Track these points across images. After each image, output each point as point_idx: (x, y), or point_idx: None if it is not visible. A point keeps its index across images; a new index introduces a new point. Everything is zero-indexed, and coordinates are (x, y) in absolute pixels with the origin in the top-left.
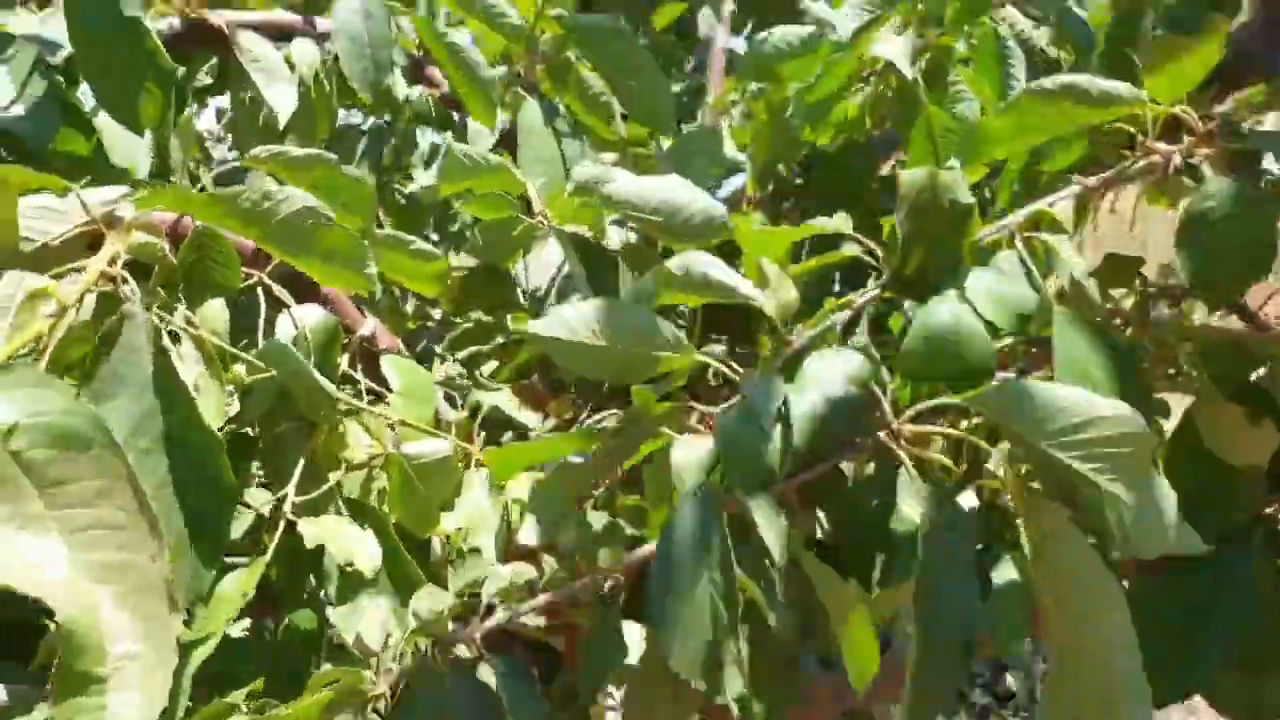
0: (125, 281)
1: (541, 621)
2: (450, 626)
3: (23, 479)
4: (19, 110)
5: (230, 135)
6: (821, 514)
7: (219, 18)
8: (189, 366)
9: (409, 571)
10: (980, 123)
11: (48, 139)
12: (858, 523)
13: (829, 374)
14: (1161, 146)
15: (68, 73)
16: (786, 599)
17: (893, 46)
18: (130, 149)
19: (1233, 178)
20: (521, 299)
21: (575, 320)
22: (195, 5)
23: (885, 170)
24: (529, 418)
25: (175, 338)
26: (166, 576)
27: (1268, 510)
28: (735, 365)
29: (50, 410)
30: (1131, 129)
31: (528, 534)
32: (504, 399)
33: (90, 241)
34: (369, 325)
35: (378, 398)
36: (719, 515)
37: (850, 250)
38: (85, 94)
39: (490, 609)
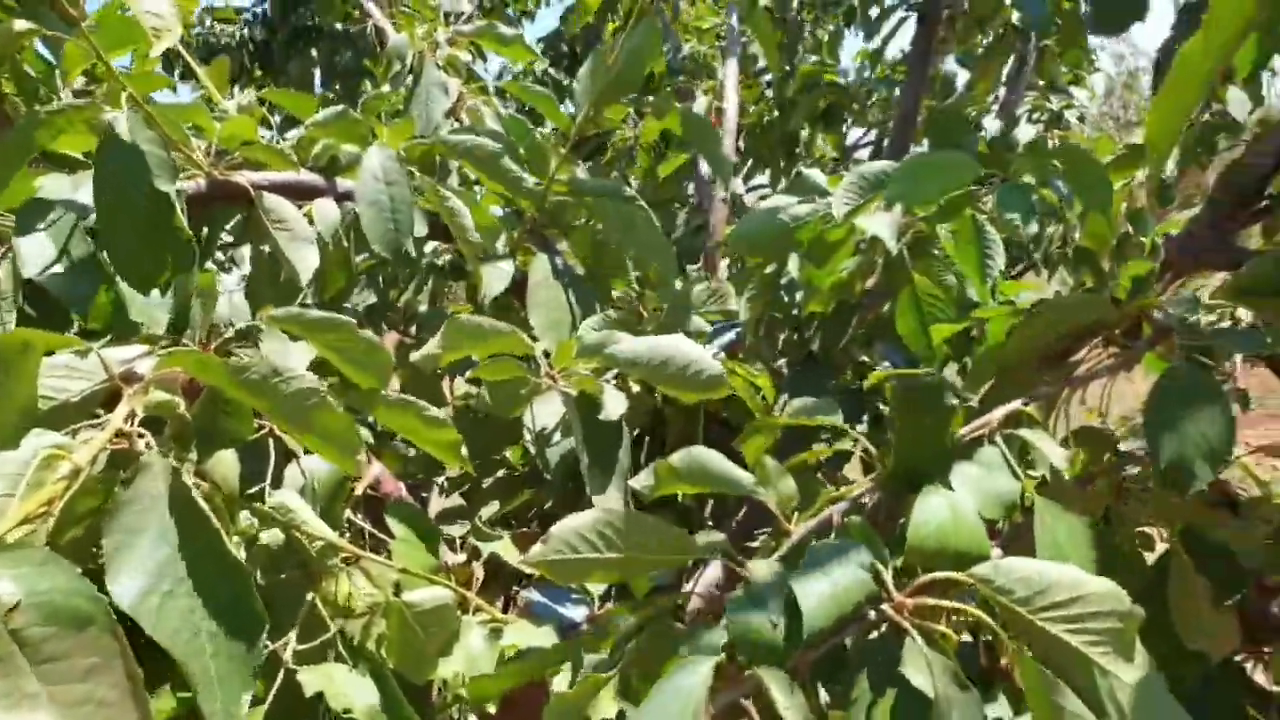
0: (141, 437)
1: None
2: None
3: (20, 657)
4: (59, 270)
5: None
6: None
7: (243, 178)
8: None
9: (407, 717)
10: (991, 347)
11: (88, 301)
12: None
13: (837, 561)
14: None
15: (93, 231)
16: None
17: (880, 222)
18: (150, 307)
19: (1190, 369)
20: (527, 439)
21: (572, 537)
22: (222, 167)
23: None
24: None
25: None
26: None
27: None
28: (735, 555)
29: (52, 589)
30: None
31: None
32: (503, 546)
33: (107, 398)
34: (374, 472)
35: (380, 544)
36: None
37: (841, 444)
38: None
39: None
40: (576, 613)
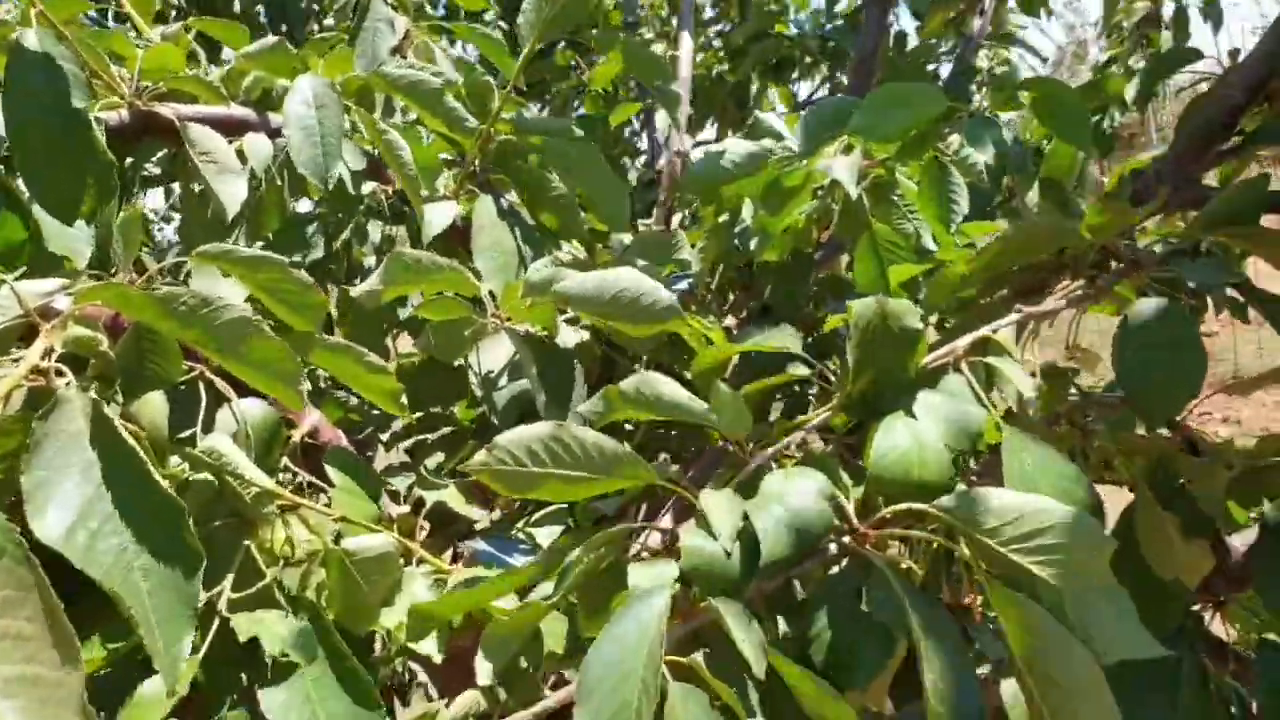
0: (60, 375)
1: None
2: None
3: None
4: None
5: (178, 219)
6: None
7: (169, 111)
8: None
9: (350, 668)
10: (948, 272)
11: None
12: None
13: (795, 490)
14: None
15: (6, 160)
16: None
17: (839, 166)
18: (69, 239)
19: (1159, 301)
20: (474, 382)
21: (519, 448)
22: (146, 98)
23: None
24: (475, 512)
25: None
26: (80, 687)
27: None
28: (690, 486)
29: None
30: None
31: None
32: (450, 494)
33: (23, 334)
34: (311, 419)
35: (319, 492)
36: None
37: (797, 370)
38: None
39: None
40: (524, 563)
